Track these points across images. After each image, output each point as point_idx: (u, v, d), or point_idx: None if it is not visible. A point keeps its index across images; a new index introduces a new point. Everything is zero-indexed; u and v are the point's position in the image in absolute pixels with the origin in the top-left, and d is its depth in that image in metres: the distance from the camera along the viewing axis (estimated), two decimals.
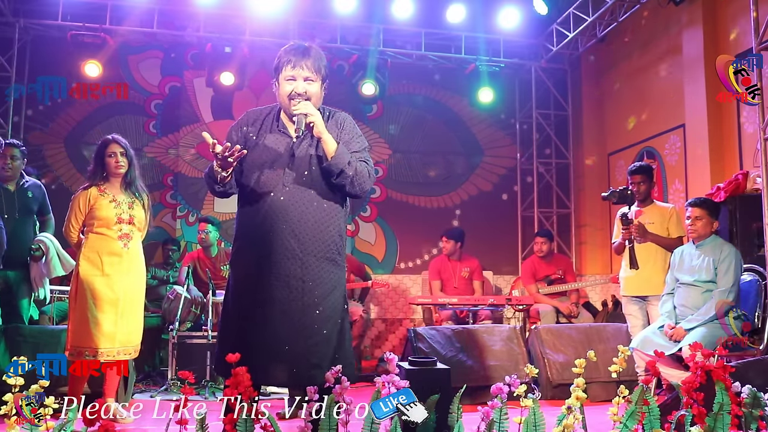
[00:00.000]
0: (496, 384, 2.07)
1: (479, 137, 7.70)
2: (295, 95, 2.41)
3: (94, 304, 3.45)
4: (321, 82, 2.46)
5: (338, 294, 2.43)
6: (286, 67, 2.44)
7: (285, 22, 6.72)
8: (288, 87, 2.43)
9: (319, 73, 2.45)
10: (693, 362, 2.14)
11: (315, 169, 2.41)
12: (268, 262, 2.36)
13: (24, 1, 6.37)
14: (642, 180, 4.49)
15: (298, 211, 2.36)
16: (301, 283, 2.34)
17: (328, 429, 1.92)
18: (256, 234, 2.40)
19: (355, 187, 2.37)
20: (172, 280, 6.06)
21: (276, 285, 2.34)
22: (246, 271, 2.42)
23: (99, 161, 3.67)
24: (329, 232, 2.40)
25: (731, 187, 4.73)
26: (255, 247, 2.40)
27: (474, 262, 6.30)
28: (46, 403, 1.88)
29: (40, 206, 4.33)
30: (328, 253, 2.39)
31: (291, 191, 2.37)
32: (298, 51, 2.45)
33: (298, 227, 2.35)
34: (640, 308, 4.41)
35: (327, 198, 2.41)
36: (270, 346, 2.33)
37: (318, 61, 2.44)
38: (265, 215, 2.38)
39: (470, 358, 4.39)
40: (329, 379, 1.98)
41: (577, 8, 6.61)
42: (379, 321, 7.15)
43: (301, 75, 2.42)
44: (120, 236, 3.60)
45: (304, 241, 2.35)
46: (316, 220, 2.37)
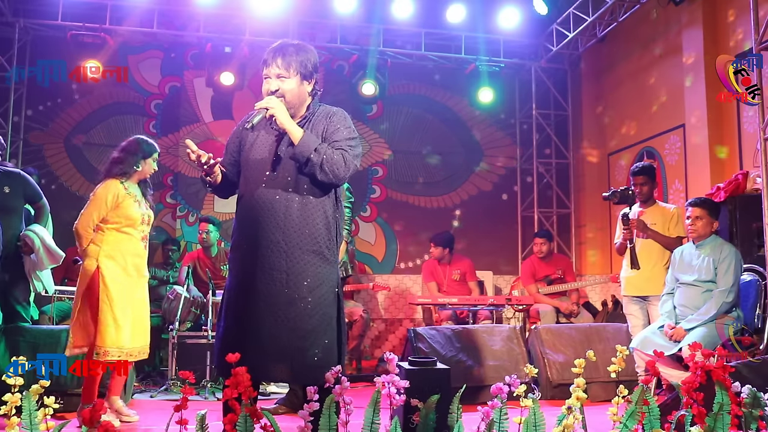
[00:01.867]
0: (496, 384, 2.06)
1: (479, 137, 7.70)
2: (268, 92, 2.45)
3: (118, 304, 3.42)
4: (299, 78, 2.47)
5: (327, 288, 2.43)
6: (263, 68, 2.50)
7: (285, 22, 6.72)
8: (264, 86, 2.49)
9: (294, 69, 2.45)
10: (693, 362, 2.14)
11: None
12: (255, 255, 2.39)
13: (24, 1, 6.38)
14: (645, 181, 4.50)
15: (283, 204, 2.39)
16: (285, 275, 2.36)
17: (328, 429, 1.92)
18: (246, 228, 2.45)
19: (327, 174, 2.36)
20: (172, 280, 6.07)
21: (261, 277, 2.37)
22: (237, 265, 2.47)
23: (134, 160, 3.59)
24: (315, 225, 2.41)
25: (731, 187, 4.73)
26: (245, 240, 2.45)
27: (465, 263, 6.29)
28: (46, 402, 1.88)
29: (26, 196, 4.11)
30: (314, 246, 2.40)
31: (277, 185, 2.42)
32: (271, 50, 2.49)
33: (283, 220, 2.38)
34: (641, 308, 4.41)
35: (313, 192, 2.43)
36: (255, 340, 2.35)
37: (291, 57, 2.45)
38: (253, 208, 2.42)
39: (470, 358, 4.39)
40: (329, 379, 1.98)
41: (577, 8, 6.61)
42: (379, 321, 7.15)
43: (274, 73, 2.46)
44: (142, 237, 3.60)
45: (289, 234, 2.38)
46: (301, 213, 2.40)
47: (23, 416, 1.85)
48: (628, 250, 4.29)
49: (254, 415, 1.74)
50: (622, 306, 4.61)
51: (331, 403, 1.93)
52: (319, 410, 1.91)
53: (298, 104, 2.49)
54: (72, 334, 3.49)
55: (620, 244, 4.42)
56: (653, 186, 4.55)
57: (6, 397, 1.88)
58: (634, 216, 4.42)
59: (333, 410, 1.93)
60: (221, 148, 2.68)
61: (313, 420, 1.87)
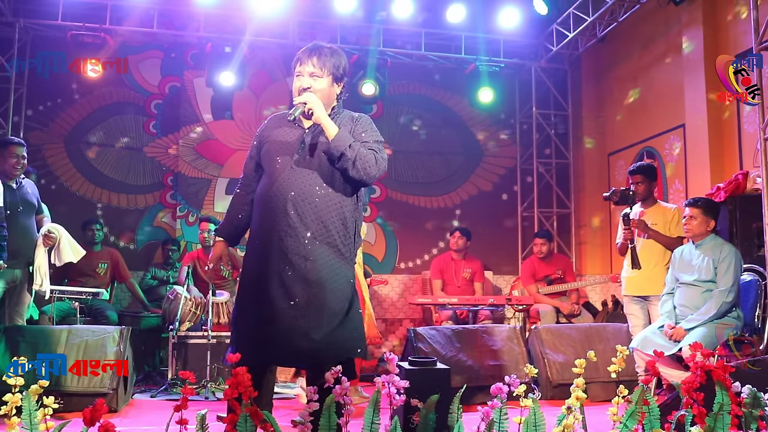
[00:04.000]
0: (496, 384, 2.06)
1: (479, 137, 7.70)
2: (300, 89, 2.51)
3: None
4: (331, 79, 2.55)
5: (343, 281, 2.45)
6: (296, 66, 2.57)
7: (285, 22, 6.72)
8: (297, 83, 2.55)
9: (327, 70, 2.53)
10: (693, 362, 2.14)
11: (324, 158, 2.47)
12: (272, 238, 2.42)
13: (24, 1, 6.37)
14: (640, 180, 4.49)
15: (303, 193, 2.43)
16: (303, 261, 2.38)
17: (328, 429, 1.92)
18: (266, 218, 2.47)
19: (359, 171, 2.40)
20: (172, 280, 6.06)
21: (279, 264, 2.39)
22: (255, 252, 2.50)
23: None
24: (331, 218, 2.43)
25: (731, 187, 4.73)
26: (264, 229, 2.47)
27: (477, 263, 6.32)
28: (45, 402, 1.88)
29: (37, 205, 4.29)
30: (329, 238, 2.43)
31: (298, 174, 2.45)
32: (307, 50, 2.57)
33: (302, 207, 2.41)
34: (642, 308, 4.41)
35: (333, 186, 2.46)
36: (271, 325, 2.37)
37: (326, 58, 2.54)
38: (273, 198, 2.45)
39: (470, 358, 4.39)
40: (329, 379, 1.98)
41: (577, 8, 6.61)
42: (379, 321, 7.14)
43: (307, 71, 2.52)
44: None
45: (307, 221, 2.41)
46: (320, 203, 2.43)
47: (23, 416, 1.85)
48: (629, 250, 4.29)
49: (255, 415, 1.74)
50: (623, 306, 4.61)
51: (331, 403, 1.93)
52: (319, 410, 1.91)
53: (326, 104, 2.54)
54: None
55: (621, 244, 4.42)
56: (651, 185, 4.54)
57: (6, 397, 1.88)
58: (635, 216, 4.42)
59: (333, 410, 1.93)
60: (221, 148, 2.70)
61: (313, 420, 1.87)
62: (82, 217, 6.01)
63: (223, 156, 6.95)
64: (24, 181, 4.23)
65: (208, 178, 6.94)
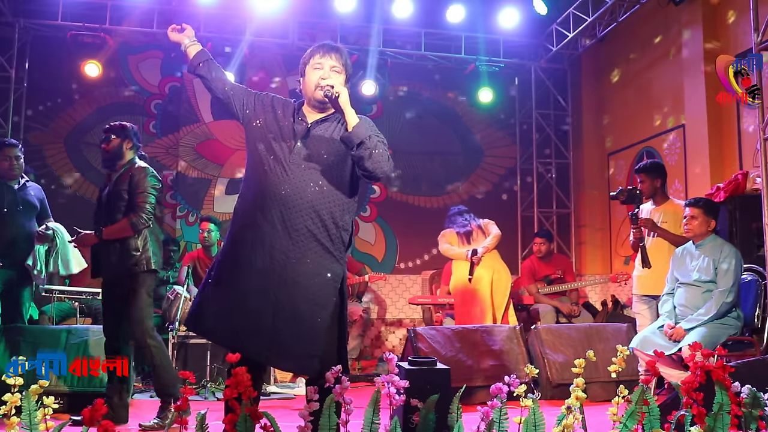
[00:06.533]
0: (496, 384, 2.06)
1: (479, 137, 7.70)
2: (321, 78, 2.45)
3: None
4: (345, 77, 2.53)
5: (328, 278, 2.41)
6: (315, 56, 2.51)
7: (285, 22, 6.72)
8: (316, 74, 2.49)
9: (345, 67, 2.53)
10: (693, 362, 2.14)
11: (323, 154, 2.45)
12: (257, 232, 2.38)
13: (24, 1, 6.37)
14: (643, 179, 4.50)
15: (295, 186, 2.39)
16: (284, 257, 2.35)
17: (328, 429, 1.92)
18: (252, 204, 2.44)
19: (374, 163, 2.37)
20: (172, 280, 6.06)
21: (260, 256, 2.36)
22: (235, 239, 2.45)
23: None
24: (321, 215, 2.39)
25: (731, 187, 4.73)
26: (248, 217, 2.43)
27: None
28: (45, 402, 1.88)
29: (41, 209, 4.27)
30: (317, 234, 2.39)
31: (293, 167, 2.41)
32: (326, 44, 2.56)
33: (292, 201, 2.37)
34: (650, 307, 4.38)
35: (329, 181, 2.43)
36: (244, 318, 2.33)
37: (344, 57, 2.54)
38: (264, 184, 2.41)
39: (470, 358, 4.39)
40: (329, 379, 1.98)
41: (577, 8, 6.61)
42: (379, 321, 7.15)
43: (329, 64, 2.49)
44: None
45: (294, 217, 2.37)
46: (311, 199, 2.39)
47: (23, 416, 1.85)
48: (640, 248, 4.28)
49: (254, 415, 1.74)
50: (623, 306, 4.60)
51: (331, 403, 1.93)
52: (319, 410, 1.91)
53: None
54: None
55: (633, 242, 4.42)
56: (654, 183, 4.52)
57: (6, 397, 1.88)
58: (647, 214, 4.43)
59: (333, 410, 1.93)
60: (221, 148, 2.69)
61: (313, 420, 1.87)
62: (82, 217, 6.00)
63: (223, 156, 6.95)
64: (28, 183, 4.23)
65: (208, 178, 6.94)
